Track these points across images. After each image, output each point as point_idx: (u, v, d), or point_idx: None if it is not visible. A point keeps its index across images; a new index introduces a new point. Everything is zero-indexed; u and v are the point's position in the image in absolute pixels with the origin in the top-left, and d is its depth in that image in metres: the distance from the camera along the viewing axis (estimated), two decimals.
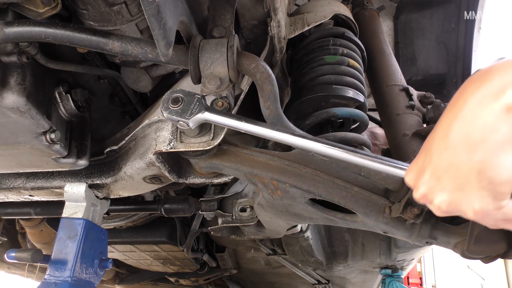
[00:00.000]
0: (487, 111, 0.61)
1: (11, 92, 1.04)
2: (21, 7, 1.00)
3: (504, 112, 0.59)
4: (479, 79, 0.66)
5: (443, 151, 0.68)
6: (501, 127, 0.59)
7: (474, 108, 0.63)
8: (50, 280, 1.31)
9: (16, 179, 1.52)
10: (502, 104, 0.59)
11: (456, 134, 0.66)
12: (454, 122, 0.67)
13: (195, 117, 1.06)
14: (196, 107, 1.07)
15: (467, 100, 0.65)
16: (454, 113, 0.68)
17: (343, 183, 1.23)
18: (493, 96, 0.61)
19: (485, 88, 0.63)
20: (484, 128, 0.61)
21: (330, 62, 1.54)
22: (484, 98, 0.62)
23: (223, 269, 3.12)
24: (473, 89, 0.65)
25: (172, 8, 0.95)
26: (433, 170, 0.71)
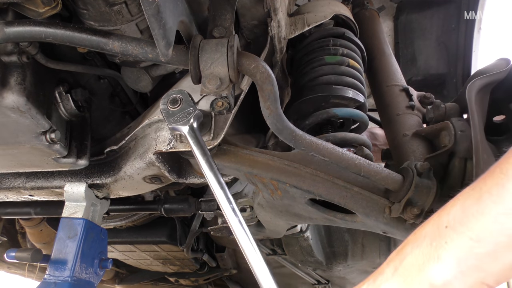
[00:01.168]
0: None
1: (11, 92, 1.04)
2: (21, 7, 1.00)
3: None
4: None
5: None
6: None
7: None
8: (50, 280, 1.31)
9: (16, 179, 1.52)
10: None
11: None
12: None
13: (175, 126, 1.08)
14: (184, 118, 1.08)
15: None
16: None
17: (343, 183, 1.23)
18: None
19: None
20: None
21: (330, 62, 1.54)
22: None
23: (223, 269, 3.12)
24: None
25: (172, 8, 0.95)
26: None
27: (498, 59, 1.28)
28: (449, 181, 1.17)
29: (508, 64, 1.21)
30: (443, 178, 1.19)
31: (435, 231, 0.64)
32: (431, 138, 1.33)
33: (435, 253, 0.62)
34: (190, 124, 1.08)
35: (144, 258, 2.82)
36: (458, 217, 0.61)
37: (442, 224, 0.63)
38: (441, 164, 1.20)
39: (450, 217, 0.62)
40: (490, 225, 0.57)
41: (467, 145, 1.14)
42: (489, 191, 0.58)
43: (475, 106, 1.09)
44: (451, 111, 1.32)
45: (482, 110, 1.15)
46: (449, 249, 0.60)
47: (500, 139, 1.25)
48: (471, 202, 0.60)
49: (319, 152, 1.15)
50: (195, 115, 1.09)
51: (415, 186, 1.10)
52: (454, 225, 0.60)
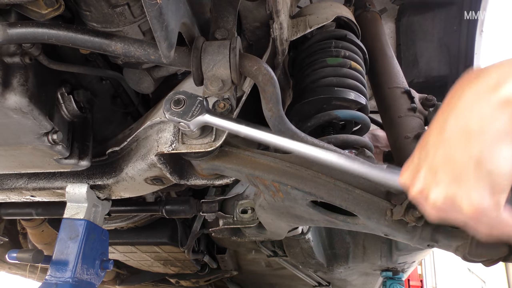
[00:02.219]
0: (484, 104, 0.60)
1: (14, 93, 1.04)
2: (24, 8, 1.00)
3: (502, 105, 0.59)
4: (475, 75, 0.65)
5: (439, 145, 0.67)
6: (500, 118, 0.59)
7: (471, 101, 0.63)
8: (51, 281, 1.31)
9: (18, 180, 1.53)
10: (500, 96, 0.59)
11: (453, 127, 0.65)
12: (450, 116, 0.66)
13: (195, 119, 1.06)
14: (198, 109, 1.07)
15: (464, 94, 0.65)
16: (450, 108, 0.67)
17: (344, 185, 1.23)
18: (491, 89, 0.60)
19: (482, 82, 0.63)
20: (482, 120, 0.60)
21: (332, 64, 1.54)
22: (482, 92, 0.62)
23: (224, 270, 3.12)
24: (470, 84, 0.65)
25: (174, 10, 0.96)
26: (428, 166, 0.70)
27: None
28: None
29: None
30: None
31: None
32: None
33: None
34: (207, 109, 1.07)
35: (145, 259, 2.82)
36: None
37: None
38: None
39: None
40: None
41: None
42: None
43: None
44: None
45: None
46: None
47: None
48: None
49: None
50: (204, 101, 1.08)
51: None
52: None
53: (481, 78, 0.63)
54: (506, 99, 0.58)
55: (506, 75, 0.60)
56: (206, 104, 1.07)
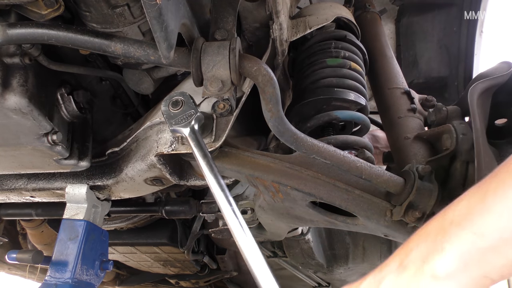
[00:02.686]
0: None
1: (14, 93, 1.04)
2: (24, 9, 1.00)
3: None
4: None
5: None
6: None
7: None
8: (51, 282, 1.31)
9: (17, 180, 1.53)
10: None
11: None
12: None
13: (176, 128, 1.08)
14: (185, 120, 1.08)
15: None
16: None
17: (344, 186, 1.23)
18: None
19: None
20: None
21: (332, 65, 1.54)
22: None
23: (224, 271, 3.12)
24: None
25: (174, 10, 0.96)
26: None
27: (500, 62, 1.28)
28: (450, 184, 1.17)
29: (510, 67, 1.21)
30: (445, 181, 1.19)
31: (439, 227, 0.65)
32: (432, 141, 1.33)
33: (440, 246, 0.63)
34: (191, 126, 1.08)
35: (144, 259, 2.82)
36: (463, 213, 0.62)
37: (447, 220, 0.64)
38: (443, 167, 1.20)
39: (455, 213, 0.64)
40: (495, 222, 0.58)
41: (468, 148, 1.14)
42: (494, 190, 0.59)
43: (476, 109, 1.09)
44: (453, 114, 1.32)
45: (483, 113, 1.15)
46: (453, 242, 0.61)
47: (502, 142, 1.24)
48: (476, 200, 0.61)
49: (321, 154, 1.15)
50: (197, 117, 1.09)
51: (417, 189, 1.10)
52: (459, 221, 0.62)
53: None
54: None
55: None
56: (195, 122, 1.08)
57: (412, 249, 0.68)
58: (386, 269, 0.71)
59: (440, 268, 0.62)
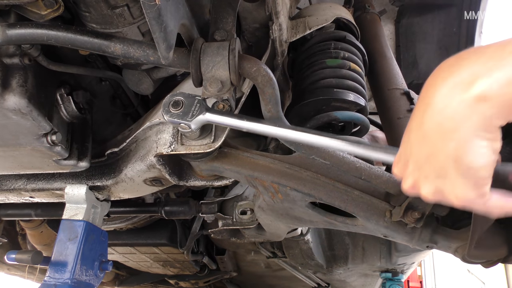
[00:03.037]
0: (457, 101, 0.62)
1: (13, 94, 1.04)
2: (23, 9, 1.00)
3: (474, 102, 0.60)
4: (448, 68, 0.67)
5: (420, 141, 0.69)
6: (472, 116, 0.60)
7: (444, 98, 0.64)
8: (50, 282, 1.31)
9: (17, 181, 1.53)
10: (472, 94, 0.60)
11: (429, 124, 0.66)
12: (426, 113, 0.67)
13: (196, 119, 1.06)
14: (197, 109, 1.06)
15: (437, 89, 0.66)
16: (425, 103, 0.68)
17: (343, 186, 1.23)
18: (463, 86, 0.62)
19: (454, 78, 0.64)
20: (455, 117, 0.62)
21: (331, 65, 1.55)
22: (454, 88, 0.63)
23: (223, 271, 3.12)
24: (443, 79, 0.66)
25: (174, 11, 0.96)
26: (414, 161, 0.72)
27: None
28: None
29: None
30: None
31: (497, 53, 0.61)
32: None
33: (489, 71, 0.59)
34: (206, 107, 1.06)
35: (144, 260, 2.82)
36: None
37: (505, 50, 0.60)
38: None
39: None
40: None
41: None
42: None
43: None
44: None
45: None
46: (505, 71, 0.58)
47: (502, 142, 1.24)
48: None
49: (320, 155, 1.15)
50: (202, 100, 1.08)
51: None
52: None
53: (455, 73, 0.64)
54: (478, 97, 0.60)
55: (479, 72, 0.61)
56: (205, 103, 1.07)
57: (463, 67, 0.64)
58: (437, 80, 0.67)
59: (484, 90, 0.59)
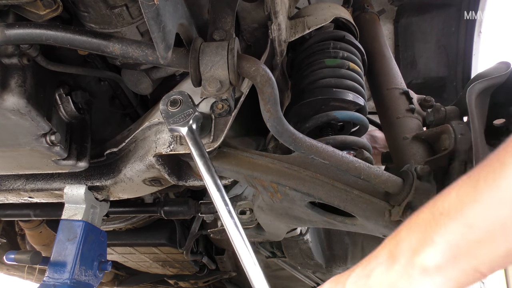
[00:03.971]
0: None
1: (12, 94, 1.04)
2: (22, 9, 1.00)
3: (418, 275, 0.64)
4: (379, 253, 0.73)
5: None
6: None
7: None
8: (49, 282, 1.31)
9: (15, 181, 1.52)
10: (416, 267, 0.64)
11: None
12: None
13: (174, 127, 1.08)
14: (183, 119, 1.08)
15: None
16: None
17: (343, 186, 1.23)
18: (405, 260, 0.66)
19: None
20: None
21: (330, 65, 1.54)
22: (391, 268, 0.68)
23: (223, 271, 3.12)
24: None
25: (172, 11, 0.96)
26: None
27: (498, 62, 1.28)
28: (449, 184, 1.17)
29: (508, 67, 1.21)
30: (443, 181, 1.19)
31: (430, 218, 0.64)
32: (431, 141, 1.33)
33: (429, 237, 0.62)
34: (189, 126, 1.08)
35: (143, 260, 2.81)
36: (453, 204, 0.61)
37: (437, 211, 0.64)
38: (441, 168, 1.20)
39: (445, 204, 0.63)
40: (484, 212, 0.57)
41: (467, 148, 1.14)
42: (485, 179, 0.58)
43: (475, 109, 1.09)
44: (451, 114, 1.32)
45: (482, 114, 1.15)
46: (442, 234, 0.61)
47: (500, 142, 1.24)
48: (466, 190, 0.60)
49: (319, 155, 1.15)
50: (195, 116, 1.09)
51: (415, 190, 1.10)
52: (449, 212, 0.61)
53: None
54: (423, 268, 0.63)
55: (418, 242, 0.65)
56: (193, 120, 1.08)
57: (402, 240, 0.68)
58: (375, 261, 0.71)
59: (430, 260, 0.62)
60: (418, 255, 0.63)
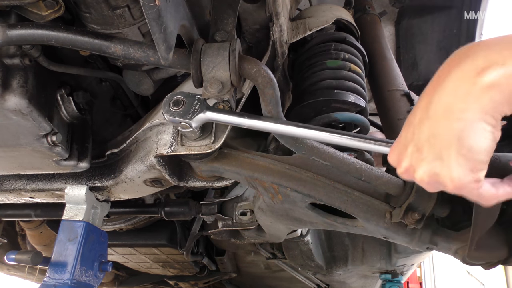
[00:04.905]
0: (469, 85, 0.63)
1: (13, 94, 1.04)
2: (24, 10, 1.00)
3: (485, 88, 0.61)
4: (463, 55, 0.67)
5: (424, 122, 0.70)
6: (482, 99, 0.62)
7: (456, 81, 0.65)
8: (50, 283, 1.31)
9: (17, 181, 1.53)
10: (483, 81, 0.62)
11: (437, 104, 0.67)
12: (436, 92, 0.68)
13: (197, 117, 1.06)
14: (198, 107, 1.07)
15: (450, 74, 0.67)
16: (436, 87, 0.69)
17: (343, 187, 1.23)
18: (476, 73, 0.63)
19: (469, 64, 0.65)
20: (466, 100, 0.63)
21: (331, 66, 1.55)
22: (467, 74, 0.64)
23: (223, 272, 3.12)
24: (457, 65, 0.67)
25: (174, 12, 0.96)
26: (414, 143, 0.73)
27: None
28: None
29: None
30: None
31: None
32: None
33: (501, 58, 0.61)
34: (207, 106, 1.07)
35: (144, 261, 2.81)
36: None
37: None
38: None
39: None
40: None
41: None
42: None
43: None
44: None
45: None
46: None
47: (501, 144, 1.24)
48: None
49: (320, 156, 1.15)
50: (202, 99, 1.08)
51: (416, 191, 1.10)
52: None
53: (469, 60, 0.65)
54: (489, 84, 0.61)
55: (492, 61, 0.62)
56: (205, 102, 1.08)
57: (478, 53, 0.64)
58: (449, 67, 0.68)
59: (495, 77, 0.61)
60: (487, 71, 0.61)
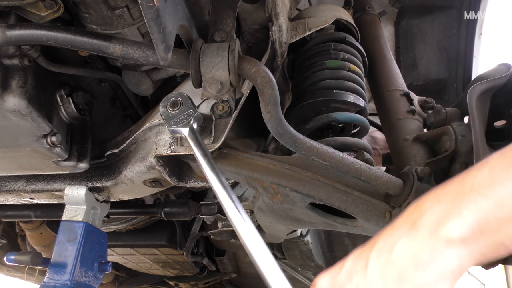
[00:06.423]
0: (422, 244, 0.64)
1: (13, 95, 1.04)
2: (23, 10, 1.00)
3: (443, 245, 0.62)
4: (414, 210, 0.70)
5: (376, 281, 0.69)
6: (440, 260, 0.62)
7: (408, 242, 0.67)
8: (50, 283, 1.31)
9: (16, 182, 1.52)
10: (441, 237, 0.62)
11: (389, 270, 0.67)
12: (387, 261, 0.68)
13: (175, 129, 1.08)
14: (184, 120, 1.08)
15: (401, 234, 0.69)
16: (387, 249, 0.70)
17: (343, 187, 1.23)
18: (431, 228, 0.64)
19: (420, 220, 0.67)
20: (420, 264, 0.63)
21: (331, 67, 1.54)
22: (419, 232, 0.66)
23: (223, 273, 3.11)
24: (409, 221, 0.69)
25: (172, 12, 0.96)
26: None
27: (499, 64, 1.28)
28: None
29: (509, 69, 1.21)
30: None
31: (458, 191, 0.63)
32: (431, 142, 1.33)
33: (456, 209, 0.61)
34: (190, 126, 1.08)
35: (143, 261, 2.81)
36: (485, 180, 0.60)
37: (466, 185, 0.63)
38: (442, 169, 1.20)
39: (476, 179, 0.62)
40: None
41: (468, 150, 1.14)
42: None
43: (476, 111, 1.09)
44: (452, 116, 1.32)
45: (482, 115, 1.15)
46: (471, 208, 0.60)
47: (501, 144, 1.24)
48: (501, 168, 0.60)
49: (320, 156, 1.15)
50: (195, 116, 1.09)
51: (416, 191, 1.10)
52: (479, 188, 0.60)
53: (420, 215, 0.67)
54: (448, 239, 0.62)
55: (445, 212, 0.63)
56: (194, 120, 1.08)
57: (426, 211, 0.66)
58: (397, 232, 0.69)
59: (455, 232, 0.61)
60: (443, 226, 0.62)
